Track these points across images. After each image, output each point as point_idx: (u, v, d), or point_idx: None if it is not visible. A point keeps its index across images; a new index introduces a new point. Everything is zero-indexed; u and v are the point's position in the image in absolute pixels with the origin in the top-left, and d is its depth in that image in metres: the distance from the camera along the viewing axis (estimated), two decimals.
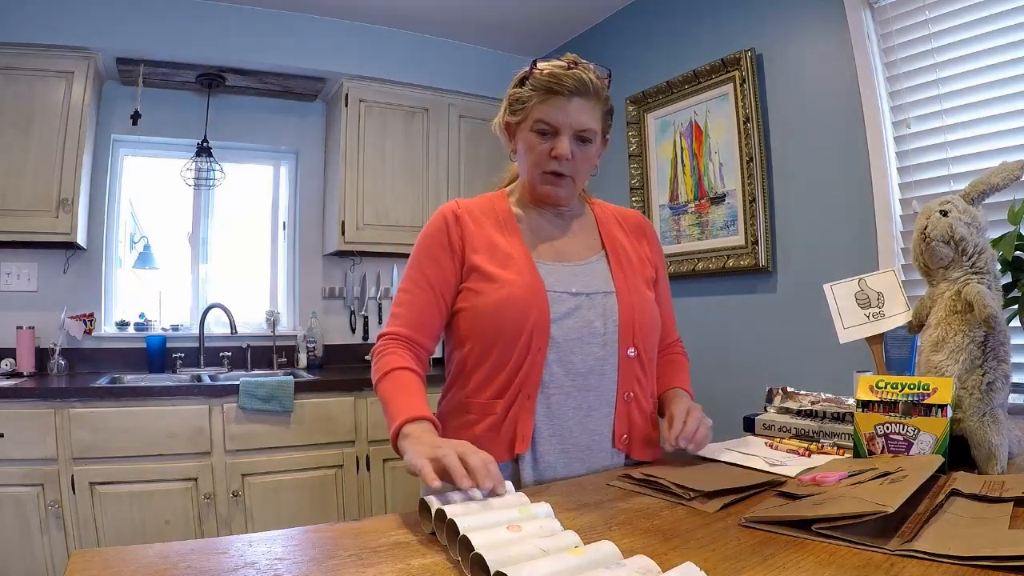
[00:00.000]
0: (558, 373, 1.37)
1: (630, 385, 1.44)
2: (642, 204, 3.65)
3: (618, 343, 1.42)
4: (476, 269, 1.41)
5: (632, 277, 1.49)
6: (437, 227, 1.47)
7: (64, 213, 3.23)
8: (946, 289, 1.30)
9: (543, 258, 1.45)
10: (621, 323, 1.42)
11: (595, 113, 1.43)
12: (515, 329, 1.34)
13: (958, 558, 0.77)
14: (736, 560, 0.83)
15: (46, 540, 2.75)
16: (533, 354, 1.35)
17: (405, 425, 1.19)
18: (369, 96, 3.96)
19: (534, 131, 1.41)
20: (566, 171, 1.42)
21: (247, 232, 4.26)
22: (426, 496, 0.96)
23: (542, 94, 1.39)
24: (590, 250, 1.52)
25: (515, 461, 1.37)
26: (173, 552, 0.85)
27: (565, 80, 1.38)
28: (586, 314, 1.40)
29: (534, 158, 1.43)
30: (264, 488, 3.13)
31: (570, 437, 1.38)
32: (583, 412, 1.39)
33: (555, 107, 1.38)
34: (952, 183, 2.38)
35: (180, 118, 3.87)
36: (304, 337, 4.02)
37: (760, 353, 3.04)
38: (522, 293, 1.36)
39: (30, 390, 2.83)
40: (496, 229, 1.47)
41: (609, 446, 1.42)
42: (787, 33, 2.97)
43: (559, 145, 1.39)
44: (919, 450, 1.16)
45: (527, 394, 1.35)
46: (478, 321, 1.39)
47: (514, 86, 1.46)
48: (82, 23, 3.34)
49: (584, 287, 1.43)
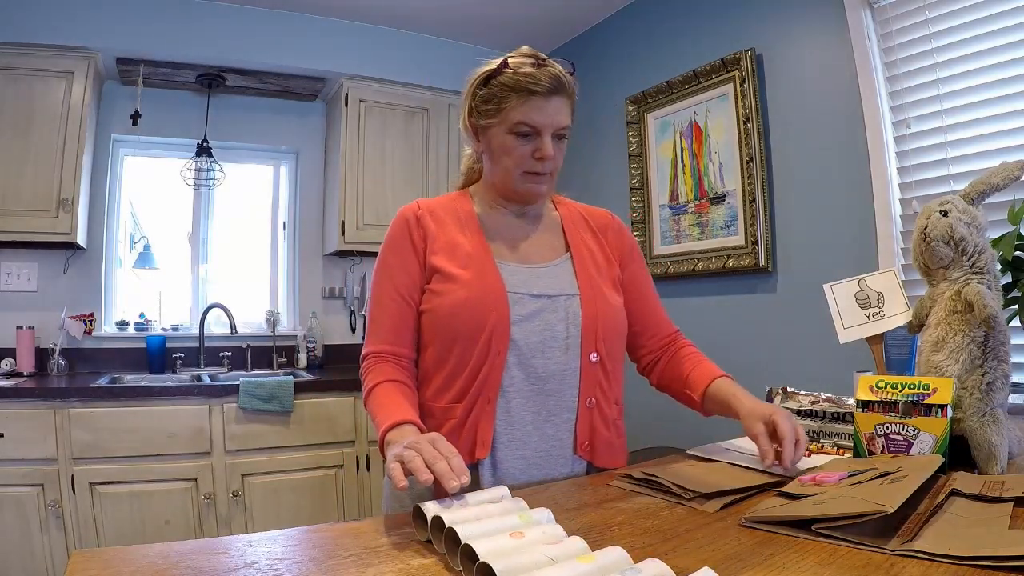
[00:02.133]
0: (518, 377, 1.35)
1: (592, 391, 1.40)
2: (642, 204, 3.65)
3: (580, 348, 1.39)
4: (437, 270, 1.39)
5: (598, 280, 1.46)
6: (399, 230, 1.45)
7: (64, 213, 3.23)
8: (946, 289, 1.30)
9: (506, 259, 1.42)
10: (584, 327, 1.39)
11: (569, 110, 1.40)
12: (474, 330, 1.32)
13: (958, 558, 0.77)
14: (736, 560, 0.83)
15: (46, 540, 2.75)
16: (492, 357, 1.32)
17: (387, 433, 1.19)
18: (369, 96, 3.96)
19: (513, 133, 1.36)
20: (548, 170, 1.40)
21: (247, 232, 4.26)
22: (420, 504, 0.94)
23: (522, 95, 1.34)
24: (554, 252, 1.49)
25: (474, 467, 1.33)
26: (173, 552, 0.85)
27: (542, 79, 1.33)
28: (548, 317, 1.38)
29: (514, 160, 1.39)
30: (264, 488, 3.13)
31: (529, 443, 1.35)
32: (542, 417, 1.37)
33: (535, 108, 1.34)
34: (952, 183, 2.38)
35: (180, 118, 3.87)
36: (304, 337, 4.02)
37: (760, 353, 3.04)
38: (481, 294, 1.34)
39: (30, 390, 2.83)
40: (458, 229, 1.44)
41: (570, 453, 1.39)
42: (787, 33, 2.97)
43: (543, 146, 1.36)
44: (919, 450, 1.16)
45: (487, 397, 1.33)
46: (438, 322, 1.37)
47: (478, 85, 1.41)
48: (82, 23, 3.34)
49: (546, 289, 1.40)
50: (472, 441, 1.33)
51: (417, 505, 0.94)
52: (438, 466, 0.98)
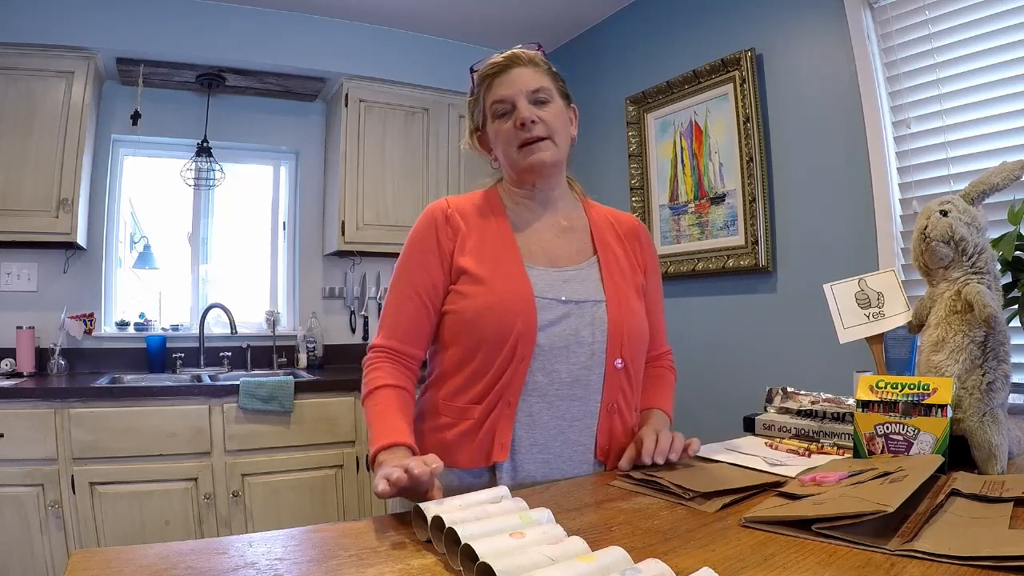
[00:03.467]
0: (542, 382, 1.34)
1: (615, 397, 1.40)
2: (642, 204, 3.65)
3: (605, 354, 1.39)
4: (464, 272, 1.38)
5: (623, 286, 1.46)
6: (426, 228, 1.45)
7: (64, 213, 3.23)
8: (946, 289, 1.30)
9: (534, 261, 1.42)
10: (610, 334, 1.39)
11: (539, 74, 1.43)
12: (500, 336, 1.32)
13: (958, 558, 0.77)
14: (736, 560, 0.83)
15: (46, 540, 2.75)
16: (517, 362, 1.32)
17: (379, 453, 1.21)
18: (369, 96, 3.96)
19: (495, 117, 1.43)
20: (540, 132, 1.40)
21: (247, 232, 4.26)
22: (420, 504, 0.94)
23: (486, 81, 1.43)
24: (581, 254, 1.48)
25: (492, 469, 1.34)
26: (173, 552, 0.85)
27: (499, 60, 1.43)
28: (574, 323, 1.37)
29: (505, 139, 1.42)
30: (264, 488, 3.13)
31: (551, 447, 1.35)
32: (565, 422, 1.36)
33: (498, 84, 1.42)
34: (952, 183, 2.38)
35: (180, 118, 3.87)
36: (304, 337, 4.02)
37: (760, 353, 3.04)
38: (509, 299, 1.33)
39: (30, 390, 2.83)
40: (487, 229, 1.44)
41: (591, 457, 1.39)
42: (787, 33, 2.97)
43: (520, 111, 1.39)
44: (919, 450, 1.16)
45: (507, 401, 1.32)
46: (462, 325, 1.36)
47: (468, 99, 1.52)
48: (82, 23, 3.35)
49: (574, 295, 1.40)
50: (489, 444, 1.33)
51: (417, 505, 0.94)
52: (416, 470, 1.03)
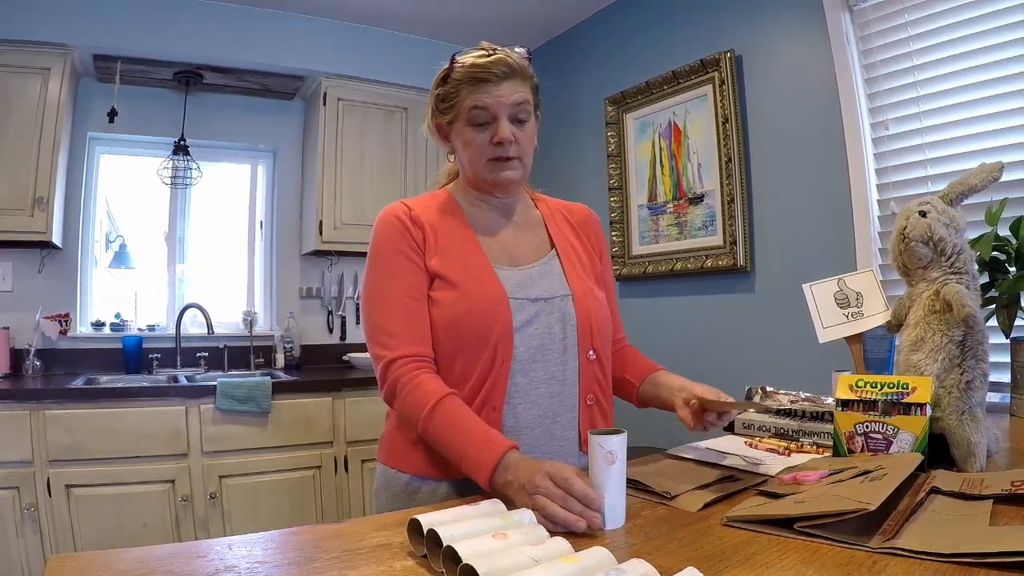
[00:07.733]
0: (522, 383, 1.34)
1: (591, 388, 1.42)
2: (621, 204, 3.66)
3: (578, 347, 1.39)
4: (437, 274, 1.36)
5: (584, 277, 1.47)
6: (397, 231, 1.39)
7: (39, 212, 3.18)
8: (925, 289, 1.31)
9: (499, 262, 1.40)
10: (579, 327, 1.39)
11: (526, 91, 1.38)
12: (478, 341, 1.30)
13: (940, 555, 0.78)
14: (719, 559, 0.83)
15: (22, 544, 2.70)
16: (498, 365, 1.31)
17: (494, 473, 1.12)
18: (347, 95, 3.93)
19: (470, 124, 1.36)
20: (512, 153, 1.37)
21: (224, 231, 4.22)
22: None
23: (470, 85, 1.34)
24: (539, 250, 1.48)
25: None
26: (152, 557, 0.84)
27: (491, 67, 1.33)
28: (546, 320, 1.37)
29: (475, 150, 1.38)
30: (242, 490, 3.10)
31: (538, 446, 1.35)
32: (549, 419, 1.36)
33: (486, 93, 1.33)
34: (930, 184, 2.41)
35: (157, 116, 3.83)
36: (281, 337, 3.99)
37: (739, 353, 3.05)
38: (484, 302, 1.32)
39: (5, 391, 2.79)
40: (449, 232, 1.41)
41: (576, 451, 1.40)
42: (767, 34, 2.99)
43: (500, 129, 1.34)
44: (898, 448, 1.16)
45: (493, 406, 1.31)
46: (439, 333, 1.34)
47: (437, 86, 1.40)
48: (58, 19, 3.29)
49: (542, 292, 1.39)
50: None
51: (413, 518, 0.90)
52: (568, 517, 0.96)
